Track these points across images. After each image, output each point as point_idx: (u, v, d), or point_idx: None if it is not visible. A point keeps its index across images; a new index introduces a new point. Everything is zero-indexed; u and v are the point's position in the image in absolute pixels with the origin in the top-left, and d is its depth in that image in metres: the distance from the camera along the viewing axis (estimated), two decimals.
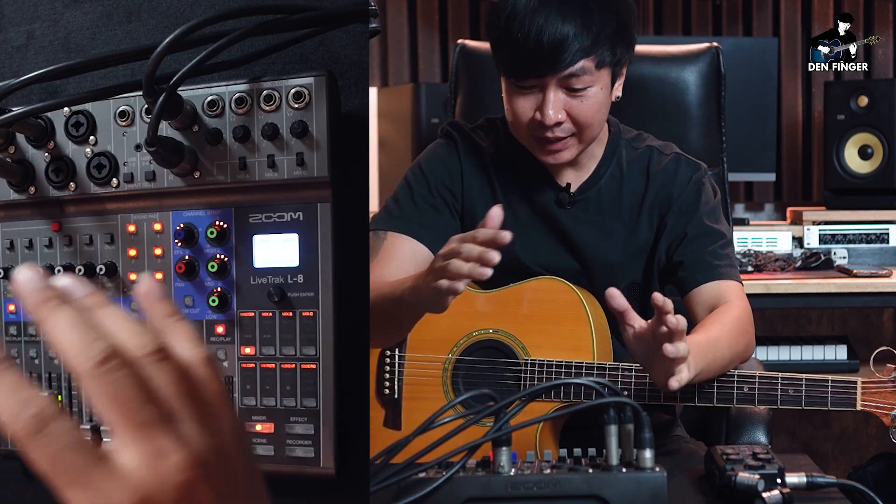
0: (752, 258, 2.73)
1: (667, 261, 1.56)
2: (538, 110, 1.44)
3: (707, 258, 1.52)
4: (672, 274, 1.55)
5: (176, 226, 1.13)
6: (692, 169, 1.58)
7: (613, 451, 0.96)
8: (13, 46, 1.26)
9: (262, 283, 1.11)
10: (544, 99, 1.43)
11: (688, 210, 1.55)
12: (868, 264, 2.79)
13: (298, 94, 1.07)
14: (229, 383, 1.13)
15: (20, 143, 1.17)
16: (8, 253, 1.20)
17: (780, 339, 2.80)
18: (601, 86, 1.46)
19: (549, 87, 1.43)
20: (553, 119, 1.43)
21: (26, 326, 1.20)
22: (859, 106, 2.87)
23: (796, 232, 2.87)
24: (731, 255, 1.55)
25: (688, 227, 1.54)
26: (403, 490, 0.96)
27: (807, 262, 2.75)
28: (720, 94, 1.94)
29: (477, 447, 0.98)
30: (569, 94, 1.44)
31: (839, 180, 2.91)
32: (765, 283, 2.53)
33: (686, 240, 1.53)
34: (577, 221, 1.57)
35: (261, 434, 1.11)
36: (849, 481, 1.08)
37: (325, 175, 1.07)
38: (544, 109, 1.43)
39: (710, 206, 1.56)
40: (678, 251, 1.54)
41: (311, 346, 1.09)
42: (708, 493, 1.11)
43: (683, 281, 1.53)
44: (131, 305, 1.16)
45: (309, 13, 1.04)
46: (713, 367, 1.36)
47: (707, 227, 1.54)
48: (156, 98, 1.00)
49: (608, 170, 1.58)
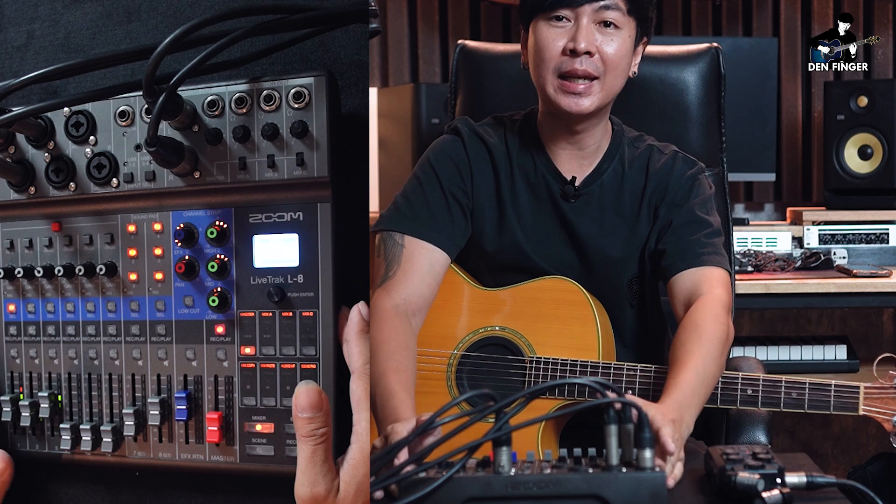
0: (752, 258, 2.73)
1: (654, 249, 1.56)
2: (570, 40, 1.47)
3: (691, 246, 1.52)
4: (657, 263, 1.56)
5: (176, 226, 1.13)
6: (689, 166, 1.60)
7: (613, 450, 0.96)
8: (13, 46, 1.26)
9: (262, 283, 1.11)
10: (577, 28, 1.47)
11: (679, 202, 1.56)
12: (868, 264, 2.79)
13: (298, 94, 1.07)
14: (229, 383, 1.13)
15: (20, 143, 1.17)
16: (8, 253, 1.20)
17: (780, 339, 2.80)
18: (628, 33, 1.50)
19: (583, 17, 1.47)
20: (585, 47, 1.46)
21: (26, 326, 1.20)
22: (859, 106, 2.87)
23: (796, 232, 2.87)
24: (718, 243, 1.55)
25: (676, 216, 1.55)
26: (403, 490, 0.96)
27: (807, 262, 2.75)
28: (720, 94, 1.94)
29: (477, 447, 0.98)
30: (600, 28, 1.48)
31: (839, 180, 2.90)
32: (765, 283, 2.53)
33: (672, 228, 1.54)
34: (580, 215, 1.58)
35: (261, 434, 1.11)
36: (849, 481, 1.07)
37: (325, 175, 1.07)
38: (577, 37, 1.46)
39: (701, 199, 1.57)
40: (663, 239, 1.55)
41: (311, 346, 1.09)
42: (708, 492, 1.11)
43: (665, 269, 1.53)
44: (130, 306, 1.16)
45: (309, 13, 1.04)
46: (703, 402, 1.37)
47: (695, 216, 1.55)
48: (156, 98, 1.00)
49: (611, 165, 1.59)
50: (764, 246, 2.83)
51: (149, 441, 1.15)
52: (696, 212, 1.55)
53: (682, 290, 1.50)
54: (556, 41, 1.48)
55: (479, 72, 1.96)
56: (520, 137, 1.60)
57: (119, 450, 1.16)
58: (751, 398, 1.43)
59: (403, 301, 1.48)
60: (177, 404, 1.13)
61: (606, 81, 1.49)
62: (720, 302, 1.47)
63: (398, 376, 1.37)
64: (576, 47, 1.46)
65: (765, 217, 3.36)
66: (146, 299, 1.16)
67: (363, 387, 1.02)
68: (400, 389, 1.34)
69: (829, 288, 2.53)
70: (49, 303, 1.19)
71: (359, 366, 1.02)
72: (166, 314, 1.15)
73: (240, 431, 1.12)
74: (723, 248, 1.56)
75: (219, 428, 1.12)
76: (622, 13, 1.48)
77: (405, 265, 1.51)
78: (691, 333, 1.42)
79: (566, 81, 1.48)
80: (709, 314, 1.44)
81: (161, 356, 1.15)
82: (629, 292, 1.61)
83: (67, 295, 1.18)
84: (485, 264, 1.60)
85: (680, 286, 1.51)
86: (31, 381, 1.20)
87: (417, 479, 0.96)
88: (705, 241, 1.53)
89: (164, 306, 1.15)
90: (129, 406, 1.16)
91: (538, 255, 1.58)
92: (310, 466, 1.00)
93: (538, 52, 1.51)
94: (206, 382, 1.13)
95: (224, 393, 1.13)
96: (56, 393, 1.19)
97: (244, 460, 1.12)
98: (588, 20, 1.47)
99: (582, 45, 1.46)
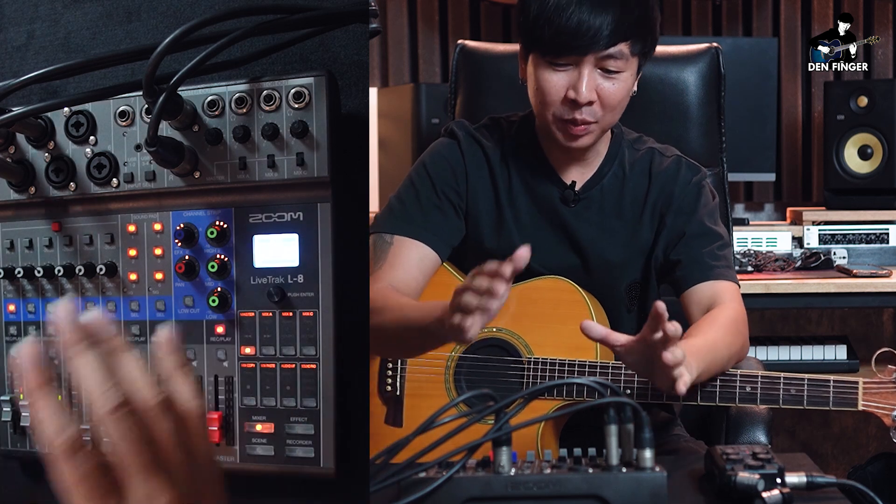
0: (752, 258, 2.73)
1: (664, 259, 1.56)
2: (571, 88, 1.45)
3: (705, 258, 1.53)
4: (669, 273, 1.56)
5: (176, 226, 1.13)
6: (693, 171, 1.59)
7: (613, 450, 0.96)
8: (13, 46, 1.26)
9: (262, 283, 1.11)
10: (580, 76, 1.44)
11: (687, 210, 1.55)
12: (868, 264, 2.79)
13: (298, 94, 1.07)
14: (229, 383, 1.13)
15: (20, 143, 1.17)
16: (8, 253, 1.20)
17: (780, 339, 2.80)
18: (630, 72, 1.48)
19: (586, 66, 1.44)
20: (587, 97, 1.45)
21: (26, 326, 1.20)
22: (859, 106, 2.87)
23: (796, 232, 2.87)
24: (729, 256, 1.56)
25: (687, 226, 1.54)
26: (403, 490, 0.96)
27: (807, 262, 2.75)
28: (720, 94, 1.94)
29: (477, 447, 0.98)
30: (603, 75, 1.46)
31: (839, 180, 2.91)
32: (765, 283, 2.53)
33: (685, 239, 1.54)
34: (580, 219, 1.58)
35: (261, 434, 1.11)
36: (849, 481, 1.07)
37: (325, 175, 1.07)
38: (579, 87, 1.44)
39: (709, 208, 1.57)
40: (676, 250, 1.54)
41: (311, 346, 1.09)
42: (708, 492, 1.11)
43: (680, 280, 1.53)
44: (130, 306, 1.16)
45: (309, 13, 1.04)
46: (712, 369, 1.37)
47: (706, 228, 1.55)
48: (156, 98, 1.00)
49: (611, 169, 1.59)
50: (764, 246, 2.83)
51: None
52: (706, 223, 1.56)
53: (700, 302, 1.51)
54: (556, 86, 1.46)
55: (479, 72, 1.96)
56: (517, 140, 1.60)
57: None
58: (749, 395, 1.43)
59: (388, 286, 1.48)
60: None
61: (605, 120, 1.49)
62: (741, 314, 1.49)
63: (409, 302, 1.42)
64: (577, 98, 1.44)
65: (765, 217, 3.36)
66: (146, 299, 1.16)
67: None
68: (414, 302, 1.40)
69: (829, 288, 2.53)
70: (49, 303, 1.19)
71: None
72: (166, 314, 1.15)
73: (240, 431, 1.12)
74: (731, 259, 1.58)
75: (219, 428, 1.12)
76: (625, 59, 1.45)
77: (391, 259, 1.52)
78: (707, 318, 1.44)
79: (567, 122, 1.48)
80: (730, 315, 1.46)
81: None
82: (627, 297, 1.61)
83: (68, 295, 1.18)
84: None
85: (696, 299, 1.51)
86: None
87: (417, 479, 0.96)
88: (718, 254, 1.53)
89: (164, 306, 1.15)
90: None
91: (536, 260, 1.57)
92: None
93: (538, 92, 1.49)
94: (206, 382, 1.13)
95: (224, 393, 1.13)
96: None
97: (244, 460, 1.12)
98: (591, 67, 1.44)
99: (584, 94, 1.44)
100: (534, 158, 1.58)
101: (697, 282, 1.51)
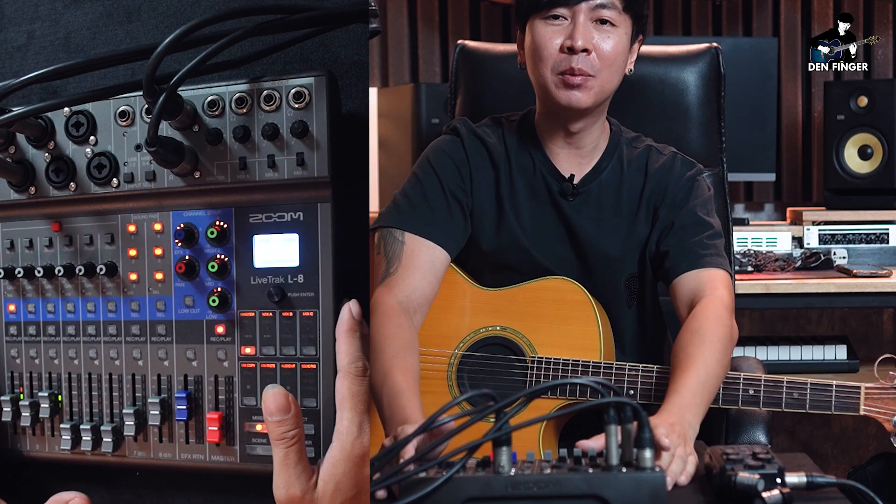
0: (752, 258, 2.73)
1: (656, 250, 1.57)
2: (568, 38, 1.49)
3: (693, 248, 1.53)
4: (660, 265, 1.56)
5: (176, 226, 1.13)
6: (688, 167, 1.61)
7: (613, 450, 0.96)
8: (13, 46, 1.26)
9: (262, 283, 1.11)
10: (574, 26, 1.49)
11: (679, 202, 1.57)
12: (868, 264, 2.79)
13: (298, 94, 1.07)
14: (229, 383, 1.13)
15: (20, 143, 1.17)
16: (8, 253, 1.20)
17: (780, 339, 2.80)
18: (624, 31, 1.52)
19: (580, 15, 1.49)
20: (582, 44, 1.48)
21: (27, 326, 1.20)
22: (859, 106, 2.87)
23: (796, 232, 2.87)
24: (720, 246, 1.56)
25: (677, 217, 1.55)
26: (403, 490, 0.96)
27: (807, 262, 2.75)
28: (720, 94, 1.94)
29: (477, 447, 0.98)
30: (597, 26, 1.50)
31: (839, 180, 2.90)
32: (765, 283, 2.53)
33: (673, 229, 1.55)
34: (579, 213, 1.58)
35: (261, 434, 1.11)
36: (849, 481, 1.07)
37: (325, 175, 1.07)
38: (574, 34, 1.48)
39: (701, 200, 1.58)
40: (665, 241, 1.55)
41: (311, 346, 1.09)
42: (708, 492, 1.11)
43: (668, 270, 1.54)
44: (130, 306, 1.16)
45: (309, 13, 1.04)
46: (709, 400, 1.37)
47: (696, 217, 1.55)
48: (156, 98, 1.00)
49: (609, 164, 1.60)
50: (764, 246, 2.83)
51: (149, 441, 1.15)
52: (698, 213, 1.56)
53: (685, 292, 1.51)
54: (553, 39, 1.50)
55: (479, 72, 1.96)
56: (518, 137, 1.61)
57: (119, 450, 1.17)
58: (752, 398, 1.43)
59: (406, 298, 1.48)
60: (177, 404, 1.13)
61: (602, 78, 1.50)
62: (723, 303, 1.47)
63: (404, 376, 1.36)
64: (573, 45, 1.48)
65: (765, 217, 3.36)
66: (146, 299, 1.16)
67: (347, 385, 1.02)
68: (407, 389, 1.34)
69: (829, 288, 2.53)
70: (49, 303, 1.19)
71: (345, 364, 1.02)
72: (166, 314, 1.15)
73: (240, 431, 1.12)
74: (723, 249, 1.57)
75: (219, 428, 1.12)
76: (618, 11, 1.50)
77: (406, 262, 1.52)
78: (693, 336, 1.42)
79: (565, 73, 1.49)
80: (711, 316, 1.44)
81: (161, 356, 1.15)
82: (627, 291, 1.61)
83: (68, 295, 1.18)
84: (485, 264, 1.61)
85: (682, 288, 1.52)
86: (32, 381, 1.20)
87: (417, 479, 0.96)
88: (707, 243, 1.53)
89: (164, 306, 1.15)
90: (130, 406, 1.16)
91: (538, 252, 1.58)
92: (284, 468, 1.01)
93: (536, 51, 1.52)
94: (207, 382, 1.13)
95: (224, 393, 1.13)
96: (56, 393, 1.19)
97: (244, 460, 1.12)
98: (584, 18, 1.49)
99: (579, 43, 1.47)
100: (533, 153, 1.60)
101: (683, 272, 1.52)
